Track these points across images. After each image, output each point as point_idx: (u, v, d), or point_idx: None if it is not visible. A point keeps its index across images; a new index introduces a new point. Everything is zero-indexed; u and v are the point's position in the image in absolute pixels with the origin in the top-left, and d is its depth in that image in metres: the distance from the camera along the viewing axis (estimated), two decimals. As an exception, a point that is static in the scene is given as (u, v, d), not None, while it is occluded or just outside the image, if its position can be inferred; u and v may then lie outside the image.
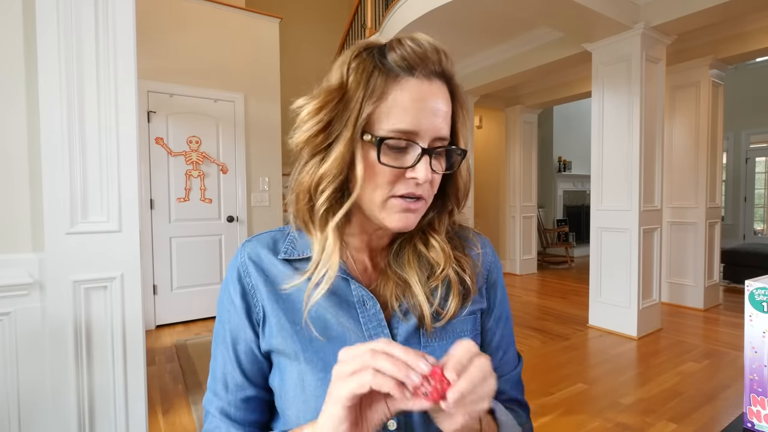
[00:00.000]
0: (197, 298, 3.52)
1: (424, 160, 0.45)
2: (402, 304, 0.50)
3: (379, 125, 0.45)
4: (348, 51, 0.48)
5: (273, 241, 0.54)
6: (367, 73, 0.45)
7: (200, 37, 3.48)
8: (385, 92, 0.44)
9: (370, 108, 0.44)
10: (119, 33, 1.39)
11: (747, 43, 3.46)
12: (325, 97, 0.46)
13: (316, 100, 0.46)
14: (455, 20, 3.31)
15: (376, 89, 0.44)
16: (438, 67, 0.46)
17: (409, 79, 0.45)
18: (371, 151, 0.45)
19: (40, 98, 1.29)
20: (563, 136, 7.11)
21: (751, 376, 0.66)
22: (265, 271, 0.51)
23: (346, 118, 0.45)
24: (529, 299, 4.38)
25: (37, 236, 1.34)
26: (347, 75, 0.45)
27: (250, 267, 0.51)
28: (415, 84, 0.45)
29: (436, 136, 0.46)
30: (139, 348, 1.45)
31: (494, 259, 0.60)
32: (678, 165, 3.96)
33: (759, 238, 7.14)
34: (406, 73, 0.45)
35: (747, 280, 0.67)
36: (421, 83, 0.45)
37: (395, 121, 0.44)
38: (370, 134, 0.45)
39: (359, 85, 0.45)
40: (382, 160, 0.45)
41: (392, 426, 0.47)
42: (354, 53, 0.47)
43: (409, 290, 0.51)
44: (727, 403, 2.11)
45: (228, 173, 3.63)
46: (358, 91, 0.44)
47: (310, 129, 0.46)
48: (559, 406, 2.09)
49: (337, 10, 6.46)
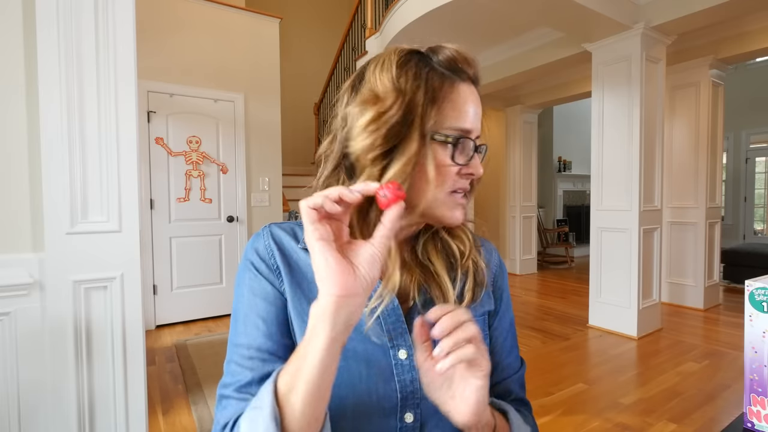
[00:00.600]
0: (197, 298, 3.52)
1: (477, 156, 0.49)
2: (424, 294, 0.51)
3: (442, 125, 0.46)
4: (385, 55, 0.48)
5: (293, 230, 0.54)
6: (423, 76, 0.46)
7: (200, 37, 3.48)
8: (445, 95, 0.47)
9: (434, 110, 0.46)
10: (119, 33, 1.39)
11: (747, 43, 3.46)
12: (384, 102, 0.45)
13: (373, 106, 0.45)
14: (455, 20, 3.31)
15: (436, 92, 0.46)
16: (474, 72, 0.50)
17: (460, 83, 0.48)
18: (440, 151, 0.47)
19: (40, 98, 1.29)
20: (563, 136, 7.10)
21: (751, 376, 0.66)
22: (287, 257, 0.51)
23: (410, 120, 0.45)
24: (529, 299, 4.38)
25: (37, 236, 1.34)
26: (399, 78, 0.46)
27: (274, 249, 0.51)
28: (464, 87, 0.49)
29: (477, 135, 0.50)
30: (139, 348, 1.45)
31: (500, 263, 0.62)
32: (678, 165, 3.96)
33: (759, 238, 7.14)
34: (456, 77, 0.48)
35: (747, 280, 0.67)
36: (469, 87, 0.49)
37: (456, 121, 0.47)
38: (442, 134, 0.46)
39: (419, 88, 0.45)
40: (455, 160, 0.47)
41: (409, 419, 0.48)
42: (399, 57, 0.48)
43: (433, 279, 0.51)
44: (727, 403, 2.11)
45: (228, 173, 3.63)
46: (419, 93, 0.45)
47: (372, 135, 0.44)
48: (559, 406, 2.09)
49: (337, 10, 6.46)
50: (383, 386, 0.48)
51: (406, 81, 0.46)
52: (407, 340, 0.49)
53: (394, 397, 0.48)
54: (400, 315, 0.50)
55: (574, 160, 7.15)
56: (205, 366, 2.55)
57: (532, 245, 5.81)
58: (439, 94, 0.46)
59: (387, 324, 0.49)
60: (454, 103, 0.47)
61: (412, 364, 0.49)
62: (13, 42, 1.31)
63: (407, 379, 0.48)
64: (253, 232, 3.74)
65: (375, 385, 0.47)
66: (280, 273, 0.50)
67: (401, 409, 0.48)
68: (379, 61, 0.48)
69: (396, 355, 0.49)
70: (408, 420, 0.48)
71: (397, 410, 0.48)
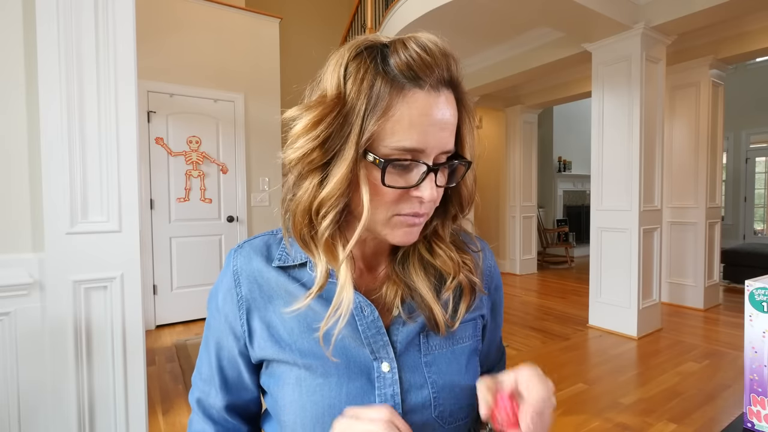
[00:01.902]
0: (197, 298, 3.52)
1: (429, 179, 0.42)
2: (407, 305, 0.49)
3: (381, 142, 0.40)
4: (345, 48, 0.43)
5: (266, 247, 0.51)
6: (369, 81, 0.40)
7: (200, 37, 3.48)
8: (390, 105, 0.40)
9: (373, 125, 0.39)
10: (119, 33, 1.39)
11: (747, 43, 3.46)
12: (322, 109, 0.40)
13: (311, 112, 0.41)
14: (455, 20, 3.31)
15: (380, 102, 0.39)
16: (446, 74, 0.42)
17: (417, 92, 0.40)
18: (374, 172, 0.41)
19: (40, 98, 1.29)
20: (563, 136, 7.11)
21: (751, 376, 0.66)
22: (258, 282, 0.49)
23: (347, 133, 0.40)
24: (529, 299, 4.38)
25: (37, 236, 1.34)
26: (345, 81, 0.40)
27: (242, 278, 0.49)
28: (423, 97, 0.40)
29: (443, 151, 0.43)
30: (139, 348, 1.45)
31: (493, 263, 0.60)
32: (678, 165, 3.96)
33: (759, 238, 7.14)
34: (413, 84, 0.40)
35: (747, 280, 0.67)
36: (429, 96, 0.40)
37: (400, 138, 0.40)
38: (374, 155, 0.40)
39: (360, 95, 0.40)
40: (386, 183, 0.41)
41: None
42: (352, 53, 0.41)
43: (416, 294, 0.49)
44: (727, 403, 2.11)
45: (228, 173, 3.63)
46: (359, 102, 0.40)
47: (305, 146, 0.41)
48: (559, 406, 2.09)
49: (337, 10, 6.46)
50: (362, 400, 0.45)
51: (353, 84, 0.40)
52: (389, 353, 0.47)
53: None
54: (381, 327, 0.47)
55: (574, 160, 7.15)
56: (205, 366, 2.55)
57: (532, 245, 5.81)
58: (384, 104, 0.39)
59: (367, 337, 0.47)
60: (400, 116, 0.40)
61: (395, 377, 0.46)
62: (13, 42, 1.31)
63: (388, 393, 0.46)
64: (253, 232, 3.74)
65: (354, 400, 0.45)
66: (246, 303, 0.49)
67: None
68: (336, 57, 0.43)
69: (379, 368, 0.47)
70: None
71: None
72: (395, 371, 0.47)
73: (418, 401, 0.47)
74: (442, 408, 0.47)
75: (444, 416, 0.48)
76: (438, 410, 0.47)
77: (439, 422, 0.47)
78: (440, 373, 0.48)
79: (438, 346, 0.50)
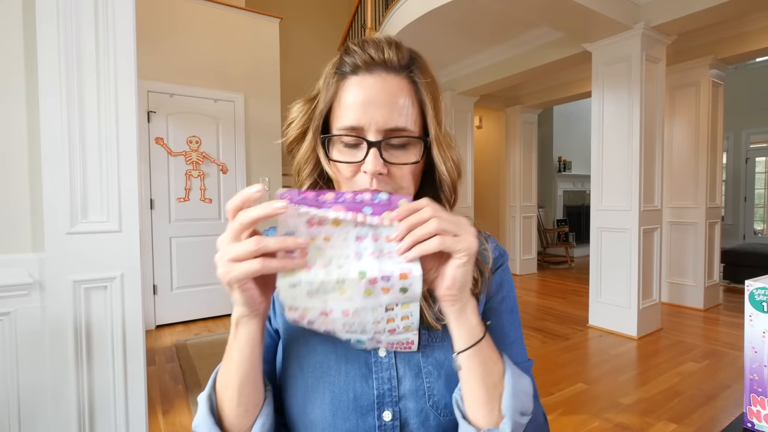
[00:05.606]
0: (197, 298, 3.52)
1: (372, 153, 0.46)
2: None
3: (334, 125, 0.49)
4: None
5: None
6: (327, 78, 0.49)
7: (200, 37, 3.48)
8: (337, 93, 0.48)
9: (325, 109, 0.49)
10: (119, 33, 1.39)
11: (747, 43, 3.46)
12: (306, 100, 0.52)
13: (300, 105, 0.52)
14: (455, 20, 3.31)
15: (330, 91, 0.49)
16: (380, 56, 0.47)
17: (352, 78, 0.48)
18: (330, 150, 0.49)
19: (40, 98, 1.28)
20: (563, 136, 7.11)
21: (751, 376, 0.66)
22: None
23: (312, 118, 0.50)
24: (529, 299, 4.38)
25: (37, 236, 1.34)
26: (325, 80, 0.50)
27: None
28: (356, 81, 0.47)
29: (387, 128, 0.46)
30: (139, 348, 1.45)
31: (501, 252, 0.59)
32: (678, 165, 3.96)
33: (759, 238, 7.14)
34: (352, 74, 0.48)
35: (747, 280, 0.67)
36: (363, 79, 0.47)
37: (343, 119, 0.47)
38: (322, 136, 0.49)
39: (322, 89, 0.49)
40: (332, 157, 0.48)
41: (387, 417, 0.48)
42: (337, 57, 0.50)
43: None
44: (727, 403, 2.11)
45: (228, 173, 3.63)
46: (321, 94, 0.50)
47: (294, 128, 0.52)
48: (559, 406, 2.09)
49: (337, 10, 6.46)
50: (360, 384, 0.49)
51: (322, 82, 0.50)
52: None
53: (370, 394, 0.48)
54: None
55: (574, 160, 7.15)
56: (205, 366, 2.55)
57: (532, 245, 5.81)
58: (333, 93, 0.49)
59: None
60: (343, 101, 0.48)
61: (392, 362, 0.50)
62: (13, 42, 1.31)
63: (385, 377, 0.49)
64: (253, 232, 3.73)
65: (353, 383, 0.49)
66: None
67: (378, 407, 0.48)
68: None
69: (376, 353, 0.50)
70: (386, 418, 0.48)
71: (374, 408, 0.48)
72: (392, 357, 0.50)
73: (412, 388, 0.49)
74: (437, 398, 0.49)
75: (438, 407, 0.49)
76: (432, 399, 0.49)
77: (434, 412, 0.49)
78: (435, 364, 0.50)
79: (435, 338, 0.51)
